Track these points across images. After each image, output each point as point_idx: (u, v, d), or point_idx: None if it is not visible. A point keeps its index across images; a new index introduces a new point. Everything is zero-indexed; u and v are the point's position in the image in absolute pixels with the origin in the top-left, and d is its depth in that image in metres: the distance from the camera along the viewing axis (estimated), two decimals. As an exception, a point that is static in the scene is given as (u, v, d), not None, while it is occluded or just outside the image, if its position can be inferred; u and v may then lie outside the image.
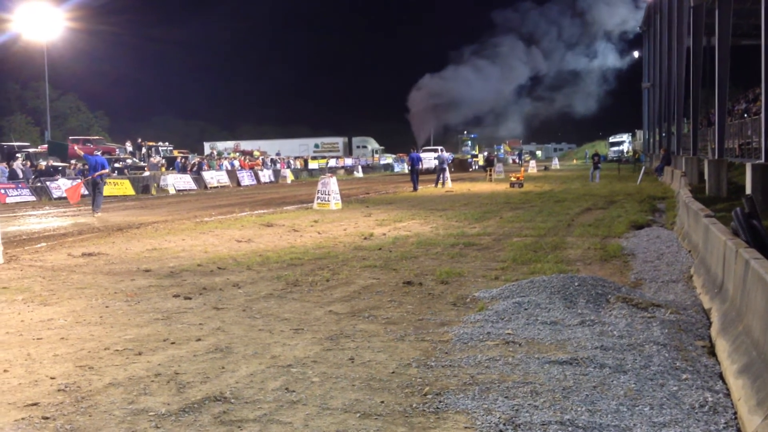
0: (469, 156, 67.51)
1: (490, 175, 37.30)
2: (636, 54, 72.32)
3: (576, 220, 14.68)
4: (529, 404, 4.19)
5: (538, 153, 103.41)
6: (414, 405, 4.22)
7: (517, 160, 73.39)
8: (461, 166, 59.33)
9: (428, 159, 50.91)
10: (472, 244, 11.26)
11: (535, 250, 10.39)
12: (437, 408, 4.18)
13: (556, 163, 67.80)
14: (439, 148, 60.26)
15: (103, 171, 18.92)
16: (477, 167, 59.74)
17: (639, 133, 74.74)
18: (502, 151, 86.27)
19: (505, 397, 4.30)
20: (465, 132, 72.22)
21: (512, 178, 29.81)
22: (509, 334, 5.72)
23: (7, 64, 61.67)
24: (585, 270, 8.68)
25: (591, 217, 15.20)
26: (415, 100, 77.30)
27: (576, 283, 6.97)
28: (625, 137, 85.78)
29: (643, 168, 36.54)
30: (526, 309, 6.43)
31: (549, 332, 5.75)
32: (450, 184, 31.53)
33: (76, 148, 36.30)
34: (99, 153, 19.79)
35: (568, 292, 6.77)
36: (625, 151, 79.62)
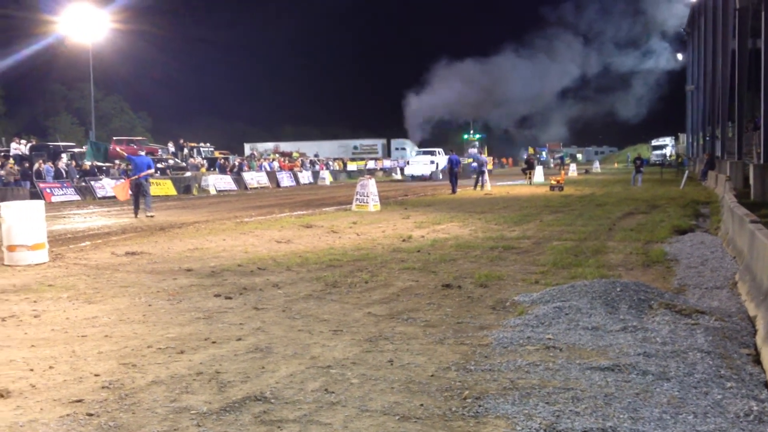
0: (470, 160, 52.64)
1: (530, 178, 37.02)
2: (680, 56, 70.34)
3: (617, 225, 14.49)
4: (570, 410, 4.14)
5: (579, 156, 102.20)
6: (453, 409, 4.20)
7: (559, 163, 69.30)
8: (463, 171, 46.13)
9: (421, 163, 46.68)
10: (512, 247, 11.18)
11: (576, 254, 10.28)
12: (477, 412, 4.16)
13: (597, 167, 66.86)
14: (473, 150, 54.04)
15: (148, 171, 19.05)
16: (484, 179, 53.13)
17: (682, 137, 73.16)
18: (544, 154, 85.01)
19: (546, 403, 4.26)
20: (471, 132, 62.76)
21: (552, 182, 29.55)
22: (550, 339, 5.67)
23: (53, 65, 62.97)
24: (627, 275, 8.56)
25: (633, 222, 14.99)
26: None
27: (618, 289, 6.88)
28: (668, 141, 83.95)
29: (687, 172, 35.93)
30: (566, 314, 6.36)
31: (590, 338, 5.68)
32: (489, 187, 31.37)
33: (118, 149, 37.01)
34: (143, 153, 19.98)
35: (609, 298, 6.68)
36: (668, 154, 77.62)
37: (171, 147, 45.58)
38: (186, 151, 46.59)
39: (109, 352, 5.53)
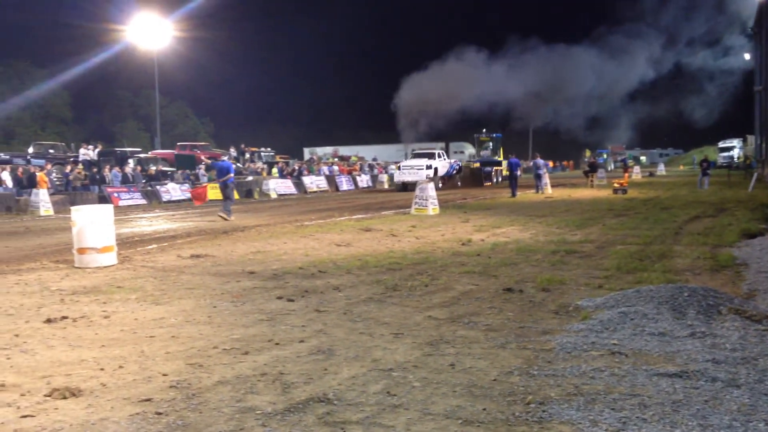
0: (476, 164, 47.58)
1: (592, 181, 36.43)
2: (747, 56, 67.48)
3: (684, 228, 14.14)
4: (637, 417, 4.06)
5: (643, 158, 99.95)
6: (517, 414, 4.17)
7: (622, 166, 66.39)
8: (473, 178, 43.32)
9: (415, 168, 37.53)
10: (574, 251, 11.02)
11: (641, 258, 10.07)
12: (541, 418, 4.11)
13: (661, 169, 65.27)
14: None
15: (229, 175, 19.35)
16: (500, 179, 45.65)
17: (750, 139, 70.54)
18: (605, 155, 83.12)
19: (612, 409, 4.19)
20: (484, 131, 54.10)
21: (615, 185, 29.01)
22: (615, 344, 5.57)
23: (120, 73, 64.77)
24: (694, 280, 8.34)
25: (700, 226, 14.61)
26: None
27: (685, 294, 6.71)
28: (736, 142, 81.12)
29: (755, 174, 34.80)
30: (632, 319, 6.24)
31: (657, 343, 5.56)
32: (550, 190, 30.99)
33: (203, 157, 38.26)
34: (225, 158, 20.52)
35: (677, 303, 6.53)
36: (735, 156, 74.97)
37: (233, 152, 46.39)
38: (247, 155, 47.37)
39: (176, 352, 5.66)
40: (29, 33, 62.22)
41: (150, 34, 44.57)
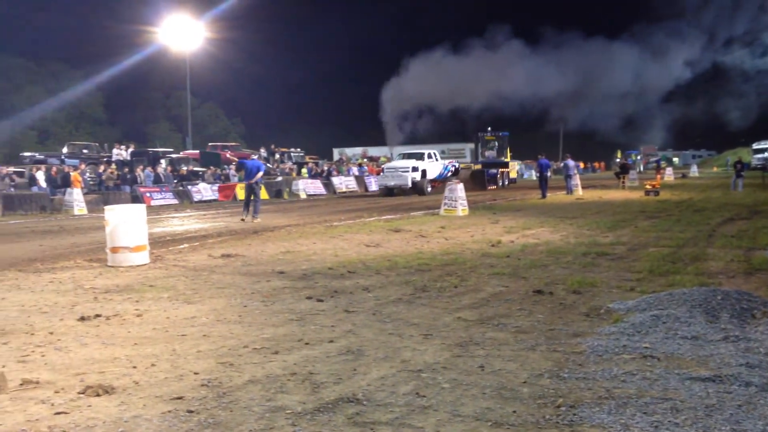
0: (477, 167, 43.43)
1: (623, 182, 36.06)
2: None
3: (717, 231, 13.94)
4: (669, 421, 4.01)
5: (675, 160, 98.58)
6: (547, 416, 4.14)
7: (655, 167, 64.13)
8: (474, 181, 38.23)
9: (400, 170, 33.78)
10: (605, 253, 10.91)
11: (674, 261, 9.94)
12: (571, 421, 4.08)
13: (694, 171, 64.31)
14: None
15: (259, 174, 19.31)
16: (507, 182, 43.85)
17: (785, 140, 69.01)
18: (634, 157, 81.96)
19: (644, 413, 4.14)
20: (489, 129, 48.56)
21: (647, 186, 28.70)
22: (647, 347, 5.51)
23: (152, 74, 65.51)
24: (728, 283, 8.21)
25: (733, 228, 14.39)
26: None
27: (719, 297, 6.61)
28: (771, 144, 79.56)
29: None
30: (664, 322, 6.16)
31: (690, 347, 5.49)
32: (580, 192, 30.74)
33: (228, 155, 38.38)
34: (255, 157, 20.54)
35: (710, 306, 6.44)
36: (771, 158, 73.39)
37: (263, 152, 46.70)
38: (277, 156, 47.66)
39: (207, 351, 5.71)
40: (64, 35, 63.22)
41: (182, 36, 45.05)
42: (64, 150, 39.86)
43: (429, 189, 34.05)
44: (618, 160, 55.91)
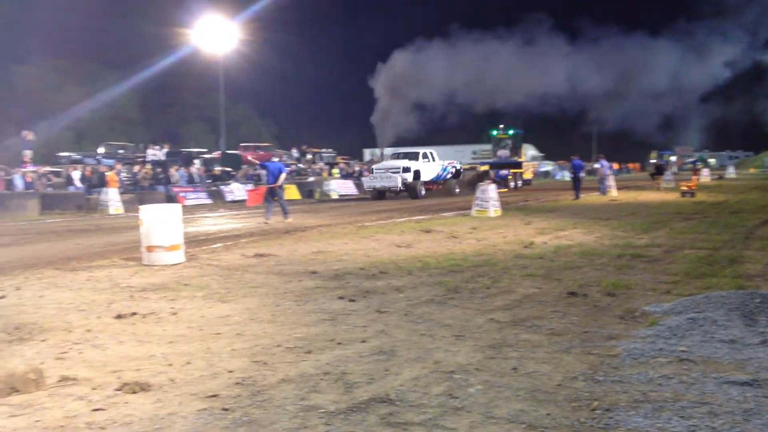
0: (482, 167, 39.02)
1: (659, 183, 35.59)
2: None
3: (755, 233, 13.69)
4: (706, 425, 3.96)
5: (711, 161, 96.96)
6: (582, 419, 4.10)
7: (691, 168, 61.92)
8: (476, 184, 34.60)
9: (390, 171, 31.28)
10: (640, 255, 10.78)
11: (710, 263, 9.79)
12: (607, 424, 4.04)
13: (731, 172, 63.17)
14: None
15: (282, 176, 19.24)
16: (520, 184, 40.81)
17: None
18: (667, 157, 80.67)
19: (681, 417, 4.08)
20: (501, 126, 44.31)
21: (683, 188, 28.29)
22: (683, 351, 5.43)
23: (187, 76, 66.13)
24: (766, 286, 8.06)
25: (772, 230, 14.13)
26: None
27: (757, 300, 6.50)
28: (810, 144, 77.59)
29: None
30: (701, 326, 6.07)
31: (727, 351, 5.40)
32: (615, 193, 30.41)
33: (249, 157, 38.43)
34: (277, 159, 20.43)
35: (747, 309, 6.33)
36: (811, 158, 71.49)
37: (295, 152, 46.96)
38: (309, 156, 47.89)
39: (241, 349, 5.75)
40: (100, 37, 64.08)
41: (215, 37, 45.44)
42: (100, 150, 40.49)
43: (423, 192, 31.65)
44: (653, 161, 54.54)
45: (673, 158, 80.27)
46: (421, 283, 8.80)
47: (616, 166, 71.61)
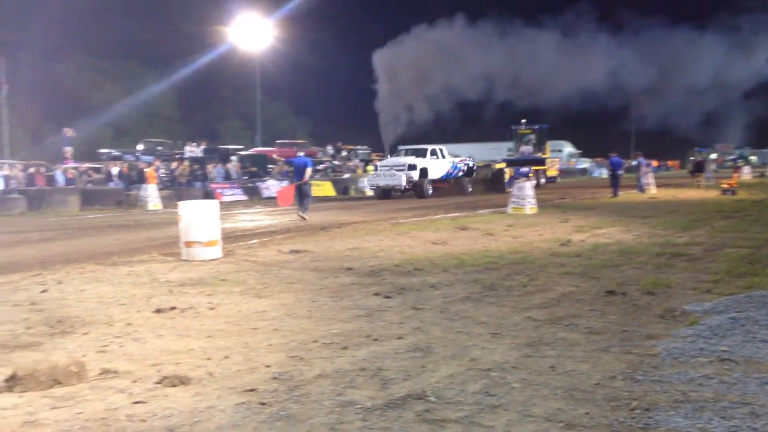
0: (500, 165, 38.30)
1: (699, 181, 35.01)
2: None
3: (799, 232, 13.40)
4: (748, 426, 3.89)
5: (753, 158, 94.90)
6: (621, 419, 4.06)
7: (732, 165, 59.70)
8: (494, 183, 34.46)
9: (394, 169, 29.69)
10: (680, 254, 10.61)
11: (752, 262, 9.60)
12: (646, 424, 3.99)
13: (774, 169, 61.76)
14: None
15: (308, 172, 19.14)
16: (543, 181, 38.48)
17: None
18: (706, 155, 79.07)
19: (722, 417, 4.02)
20: (523, 121, 41.43)
21: (724, 185, 27.80)
22: (724, 351, 5.34)
23: (223, 73, 66.75)
24: (811, 286, 7.89)
25: (817, 229, 13.80)
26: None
27: (801, 300, 6.37)
28: None
29: None
30: (743, 325, 5.96)
31: (770, 352, 5.30)
32: (654, 191, 30.00)
33: (274, 155, 38.29)
34: (301, 154, 20.26)
35: (792, 310, 6.21)
36: None
37: (330, 149, 47.14)
38: (343, 153, 48.01)
39: (278, 344, 5.80)
40: (139, 35, 64.94)
41: (252, 35, 45.84)
42: (139, 147, 41.07)
43: (430, 191, 29.99)
44: (693, 158, 53.28)
45: (713, 155, 78.68)
46: (456, 280, 8.78)
47: (654, 163, 70.62)
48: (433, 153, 31.46)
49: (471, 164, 34.06)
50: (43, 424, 4.06)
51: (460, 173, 32.65)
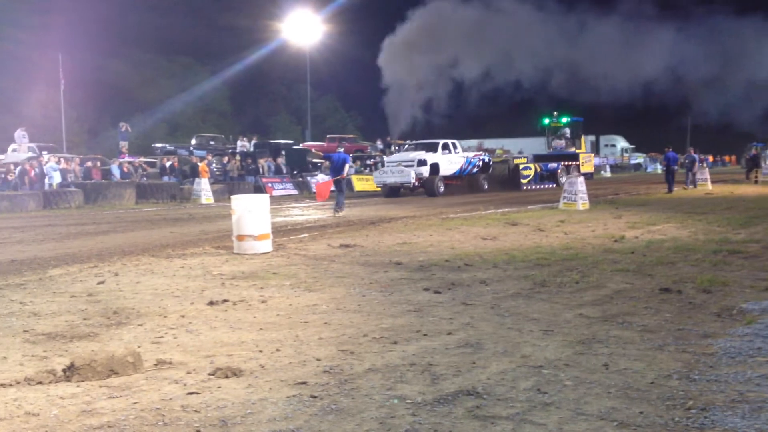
0: (520, 161, 35.08)
1: (756, 177, 34.05)
2: None
3: None
4: (810, 430, 3.77)
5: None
6: (676, 419, 3.98)
7: None
8: (511, 180, 32.60)
9: (403, 164, 27.75)
10: (737, 251, 10.34)
11: (814, 260, 9.31)
12: (702, 424, 3.90)
13: (836, 163, 59.66)
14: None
15: (346, 168, 19.02)
16: (590, 174, 35.24)
17: None
18: (764, 150, 76.63)
19: (782, 420, 3.91)
20: (555, 114, 38.70)
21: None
22: (785, 351, 5.19)
23: (274, 68, 67.39)
24: None
25: None
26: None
27: None
28: None
29: None
30: (804, 326, 5.79)
31: (833, 353, 5.13)
32: (710, 186, 29.31)
33: (313, 150, 38.06)
34: (341, 149, 20.06)
35: None
36: None
37: (379, 144, 47.19)
38: (393, 148, 47.98)
39: (328, 338, 5.83)
40: (193, 32, 66.01)
41: (302, 30, 46.16)
42: (193, 141, 41.74)
43: (441, 188, 27.88)
44: (750, 153, 51.71)
45: (764, 150, 76.08)
46: (507, 276, 8.71)
47: (710, 158, 68.92)
48: (445, 147, 29.26)
49: (487, 159, 32.34)
50: (100, 414, 4.16)
51: (475, 169, 30.58)
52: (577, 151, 36.69)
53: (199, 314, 6.80)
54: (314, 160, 36.17)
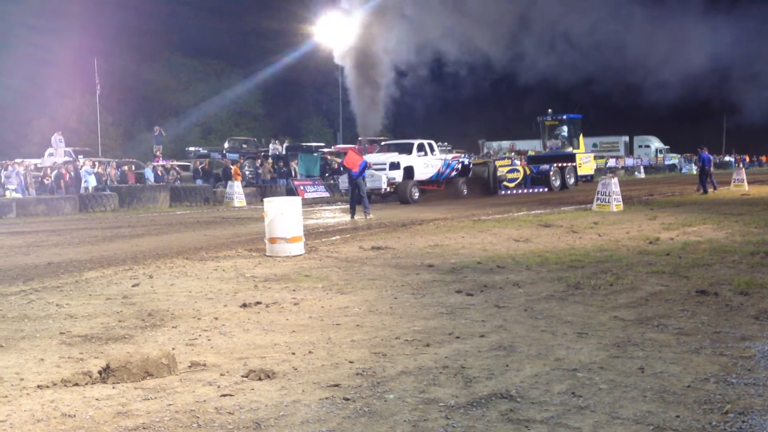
0: (514, 162, 33.56)
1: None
2: None
3: None
4: None
5: None
6: (713, 423, 3.91)
7: None
8: (481, 183, 29.16)
9: (375, 167, 24.52)
10: (776, 252, 10.15)
11: None
12: (740, 428, 3.83)
13: None
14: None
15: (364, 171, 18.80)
16: (572, 181, 32.84)
17: None
18: None
19: (824, 427, 3.82)
20: (550, 111, 35.82)
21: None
22: (826, 355, 5.08)
23: (306, 71, 67.70)
24: None
25: None
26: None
27: None
28: None
29: None
30: None
31: None
32: (746, 187, 28.80)
33: (328, 158, 37.13)
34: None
35: None
36: None
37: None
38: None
39: (360, 340, 5.84)
40: (226, 35, 66.60)
41: (334, 32, 46.28)
42: (226, 145, 42.10)
43: (416, 195, 25.20)
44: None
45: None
46: (540, 278, 8.65)
47: (747, 159, 67.76)
48: (421, 148, 26.69)
49: (467, 162, 29.69)
50: (135, 415, 4.21)
51: (454, 173, 28.02)
52: (575, 151, 34.11)
53: (233, 316, 6.85)
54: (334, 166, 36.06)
